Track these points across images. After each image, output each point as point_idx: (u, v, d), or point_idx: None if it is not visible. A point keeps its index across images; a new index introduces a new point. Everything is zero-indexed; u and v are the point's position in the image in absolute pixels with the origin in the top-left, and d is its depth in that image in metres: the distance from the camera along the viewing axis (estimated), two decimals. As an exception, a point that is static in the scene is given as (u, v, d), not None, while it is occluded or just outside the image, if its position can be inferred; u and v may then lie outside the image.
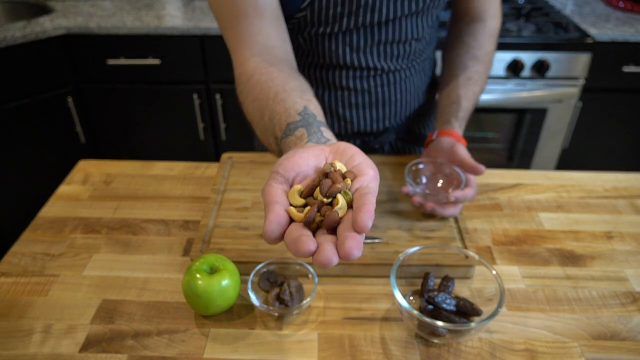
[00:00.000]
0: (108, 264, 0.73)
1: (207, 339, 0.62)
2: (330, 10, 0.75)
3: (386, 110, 0.91)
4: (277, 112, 0.56)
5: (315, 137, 0.51)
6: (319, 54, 0.83)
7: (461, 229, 0.76)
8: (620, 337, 0.62)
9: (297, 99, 0.57)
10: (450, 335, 0.59)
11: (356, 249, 0.35)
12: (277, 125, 0.55)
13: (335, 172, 0.42)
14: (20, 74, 1.66)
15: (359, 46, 0.82)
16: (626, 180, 0.92)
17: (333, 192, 0.40)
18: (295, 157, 0.44)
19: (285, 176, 0.43)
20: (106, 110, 1.89)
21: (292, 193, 0.41)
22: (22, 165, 1.80)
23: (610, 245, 0.77)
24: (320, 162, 0.45)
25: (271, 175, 0.43)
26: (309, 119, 0.54)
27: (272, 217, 0.38)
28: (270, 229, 0.38)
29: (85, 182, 0.91)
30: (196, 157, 1.98)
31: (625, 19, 1.79)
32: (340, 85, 0.86)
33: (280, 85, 0.60)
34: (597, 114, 1.84)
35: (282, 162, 0.44)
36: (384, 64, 0.85)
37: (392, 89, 0.89)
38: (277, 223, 0.38)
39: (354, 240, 0.36)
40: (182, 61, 1.77)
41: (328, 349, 0.60)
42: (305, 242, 0.36)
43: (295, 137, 0.52)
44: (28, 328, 0.63)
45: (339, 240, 0.37)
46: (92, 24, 1.70)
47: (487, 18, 0.91)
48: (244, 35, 0.68)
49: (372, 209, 0.38)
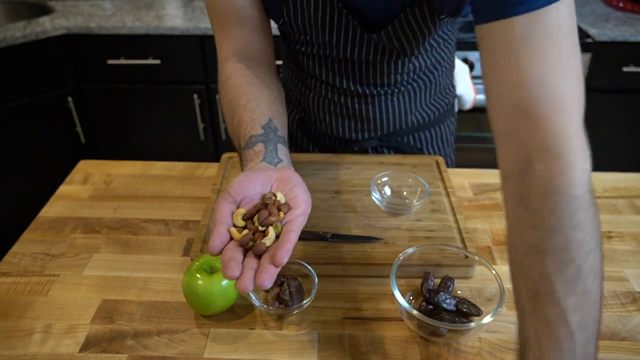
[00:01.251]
0: (108, 264, 0.73)
1: (207, 339, 0.62)
2: (301, 36, 0.77)
3: (369, 124, 0.88)
4: (244, 121, 0.62)
5: (269, 157, 0.57)
6: (303, 64, 0.84)
7: (461, 229, 0.76)
8: (620, 337, 0.62)
9: (265, 110, 0.63)
10: (450, 335, 0.59)
11: (268, 280, 0.43)
12: (242, 134, 0.61)
13: (272, 205, 0.50)
14: (20, 74, 1.66)
15: (339, 69, 0.81)
16: (626, 180, 0.92)
17: (267, 223, 0.48)
18: (245, 182, 0.52)
19: (235, 197, 0.51)
20: (106, 110, 1.89)
21: (236, 215, 0.50)
22: (22, 165, 1.80)
23: (610, 245, 0.77)
24: (266, 188, 0.53)
25: (224, 194, 0.51)
26: (270, 134, 0.60)
27: (215, 235, 0.47)
28: (214, 245, 0.46)
29: (86, 182, 0.91)
30: (196, 157, 1.98)
31: (625, 19, 1.79)
32: (324, 94, 0.86)
33: (253, 93, 0.66)
34: (597, 114, 1.84)
35: (234, 184, 0.52)
36: (365, 89, 0.82)
37: (376, 108, 0.85)
38: (220, 241, 0.47)
39: (268, 273, 0.43)
40: (182, 61, 1.77)
41: (328, 349, 0.60)
42: (231, 267, 0.44)
43: (253, 152, 0.58)
44: (28, 328, 0.63)
45: (258, 269, 0.44)
46: (92, 24, 1.70)
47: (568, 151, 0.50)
48: (224, 37, 0.72)
49: (291, 247, 0.45)
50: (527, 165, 0.50)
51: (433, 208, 0.81)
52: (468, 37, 1.64)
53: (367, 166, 0.91)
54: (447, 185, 0.85)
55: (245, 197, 0.52)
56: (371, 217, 0.79)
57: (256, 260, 0.46)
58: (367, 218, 0.79)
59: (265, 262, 0.45)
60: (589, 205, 0.47)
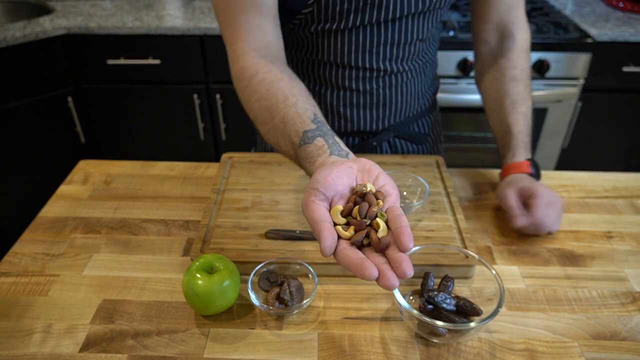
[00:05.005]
0: (108, 264, 0.73)
1: (207, 339, 0.62)
2: (337, 7, 0.76)
3: (386, 110, 0.90)
4: (290, 117, 0.59)
5: (336, 150, 0.55)
6: (323, 52, 0.83)
7: (461, 229, 0.76)
8: (620, 337, 0.62)
9: (307, 105, 0.61)
10: (450, 335, 0.59)
11: (409, 269, 0.41)
12: (293, 131, 0.58)
13: (370, 195, 0.47)
14: (20, 74, 1.66)
15: (364, 46, 0.82)
16: (626, 180, 0.92)
17: (372, 214, 0.46)
18: (332, 176, 0.49)
19: (325, 194, 0.48)
20: (106, 110, 1.89)
21: (335, 213, 0.47)
22: (22, 165, 1.80)
23: (610, 245, 0.77)
24: (352, 181, 0.50)
25: (311, 191, 0.48)
26: (323, 127, 0.58)
27: (326, 234, 0.44)
28: (327, 245, 0.44)
29: (86, 182, 0.91)
30: (196, 157, 1.98)
31: (625, 19, 1.79)
32: (342, 85, 0.86)
33: (288, 89, 0.63)
34: (597, 114, 1.84)
35: (320, 181, 0.49)
36: (387, 65, 0.85)
37: (394, 90, 0.88)
38: (332, 240, 0.44)
39: (407, 263, 0.42)
40: (182, 61, 1.77)
41: (328, 349, 0.60)
42: (368, 268, 0.41)
43: (315, 147, 0.55)
44: (28, 328, 0.63)
45: (393, 263, 0.43)
46: (92, 24, 1.70)
47: (515, 31, 0.88)
48: (241, 28, 0.69)
49: (409, 230, 0.44)
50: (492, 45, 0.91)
51: (433, 208, 0.81)
52: (468, 37, 1.64)
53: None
54: (447, 185, 0.85)
55: (337, 192, 0.49)
56: (371, 217, 0.79)
57: (378, 254, 0.44)
58: (367, 218, 0.79)
59: (395, 253, 0.43)
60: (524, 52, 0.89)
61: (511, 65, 0.87)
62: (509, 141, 0.84)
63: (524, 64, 0.88)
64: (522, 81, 0.87)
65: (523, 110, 0.86)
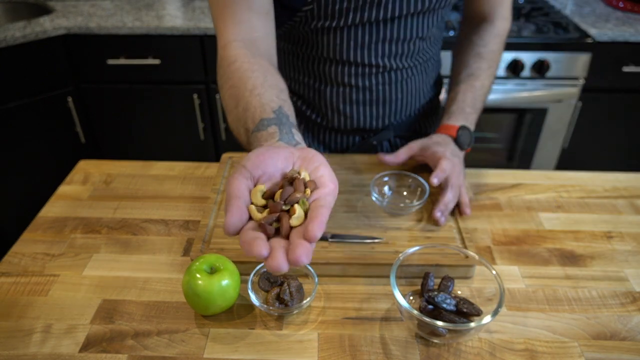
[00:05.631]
0: (108, 264, 0.73)
1: (207, 339, 0.62)
2: (337, 5, 0.76)
3: (386, 108, 0.91)
4: (252, 105, 0.58)
5: (286, 137, 0.53)
6: (323, 48, 0.84)
7: (461, 229, 0.76)
8: (620, 337, 0.62)
9: (273, 97, 0.59)
10: (450, 335, 0.59)
11: (304, 256, 0.37)
12: (250, 118, 0.57)
13: (299, 180, 0.44)
14: (20, 74, 1.66)
15: (363, 42, 0.82)
16: (626, 180, 0.92)
17: (292, 200, 0.43)
18: (265, 156, 0.46)
19: (252, 172, 0.45)
20: (106, 110, 1.89)
21: (255, 192, 0.44)
22: (22, 165, 1.80)
23: (610, 245, 0.77)
24: (288, 166, 0.47)
25: (238, 168, 0.45)
26: (283, 118, 0.56)
27: (234, 211, 0.41)
28: (231, 222, 0.40)
29: (86, 182, 0.91)
30: (196, 157, 1.98)
31: (625, 19, 1.79)
32: (342, 82, 0.86)
33: (259, 79, 0.62)
34: (597, 114, 1.84)
35: (251, 158, 0.46)
36: (387, 62, 0.85)
37: (394, 87, 0.89)
38: (238, 218, 0.41)
39: (303, 248, 0.38)
40: (182, 61, 1.77)
41: (328, 349, 0.60)
42: (259, 245, 0.38)
43: (267, 133, 0.54)
44: (28, 328, 0.63)
45: (290, 246, 0.39)
46: (92, 24, 1.70)
47: (495, 19, 0.93)
48: (230, 20, 0.69)
49: (324, 221, 0.40)
50: (473, 26, 0.94)
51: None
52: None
53: (367, 166, 0.91)
54: (447, 185, 0.85)
55: (265, 173, 0.46)
56: (371, 217, 0.79)
57: (283, 240, 0.41)
58: (367, 218, 0.79)
59: (297, 238, 0.39)
60: (498, 37, 0.93)
61: (481, 43, 0.91)
62: (451, 107, 0.87)
63: (493, 47, 0.91)
64: (486, 60, 0.90)
65: (475, 85, 0.88)
